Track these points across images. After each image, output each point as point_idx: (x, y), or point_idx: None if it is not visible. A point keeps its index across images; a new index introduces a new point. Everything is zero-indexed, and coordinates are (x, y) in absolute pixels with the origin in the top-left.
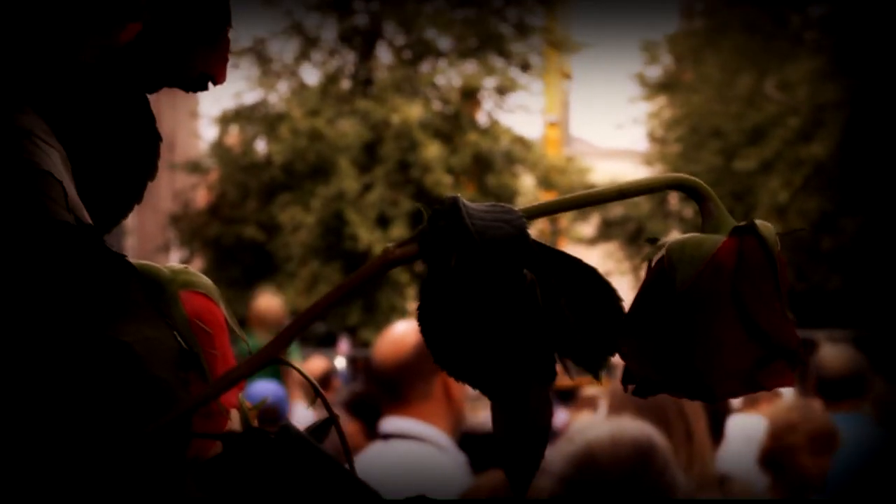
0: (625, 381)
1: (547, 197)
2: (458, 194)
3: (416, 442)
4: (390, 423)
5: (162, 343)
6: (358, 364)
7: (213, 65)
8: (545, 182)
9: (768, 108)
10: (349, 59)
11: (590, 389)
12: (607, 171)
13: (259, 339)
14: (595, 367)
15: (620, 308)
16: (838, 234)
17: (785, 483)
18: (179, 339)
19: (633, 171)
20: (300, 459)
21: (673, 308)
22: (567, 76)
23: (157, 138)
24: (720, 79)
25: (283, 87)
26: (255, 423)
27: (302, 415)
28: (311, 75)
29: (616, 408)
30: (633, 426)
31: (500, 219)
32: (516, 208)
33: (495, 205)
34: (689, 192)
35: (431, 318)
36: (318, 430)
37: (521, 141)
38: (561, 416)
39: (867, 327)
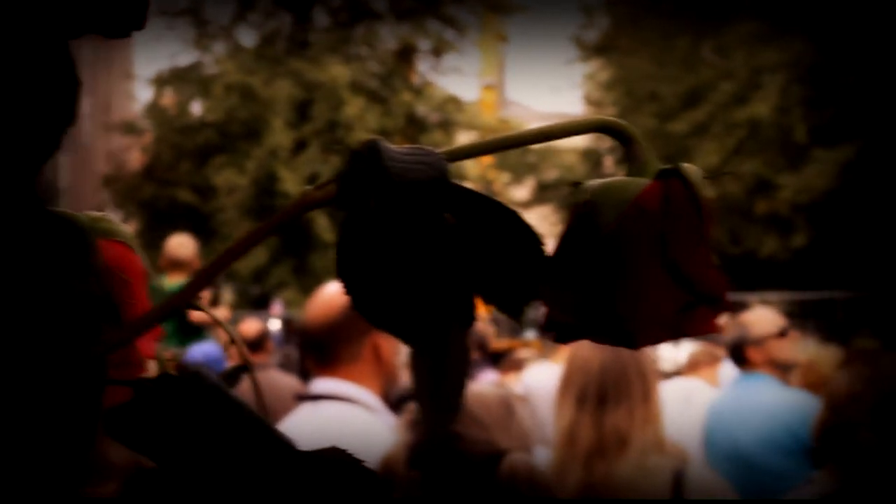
0: (547, 327)
1: (482, 158)
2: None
3: (344, 403)
4: (319, 385)
5: (78, 290)
6: (291, 326)
7: (136, 10)
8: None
9: (704, 72)
10: (285, 20)
11: (523, 352)
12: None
13: (173, 283)
14: (515, 312)
15: (542, 251)
16: (773, 198)
17: (843, 462)
18: (96, 287)
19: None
20: (212, 407)
21: (596, 252)
22: (503, 39)
23: (75, 83)
24: (657, 42)
25: (219, 48)
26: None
27: None
28: (248, 37)
29: (577, 368)
30: (491, 386)
31: (421, 161)
32: (438, 150)
33: (416, 147)
34: (614, 134)
35: (349, 262)
36: (230, 377)
37: (454, 101)
38: (489, 376)
39: (801, 290)
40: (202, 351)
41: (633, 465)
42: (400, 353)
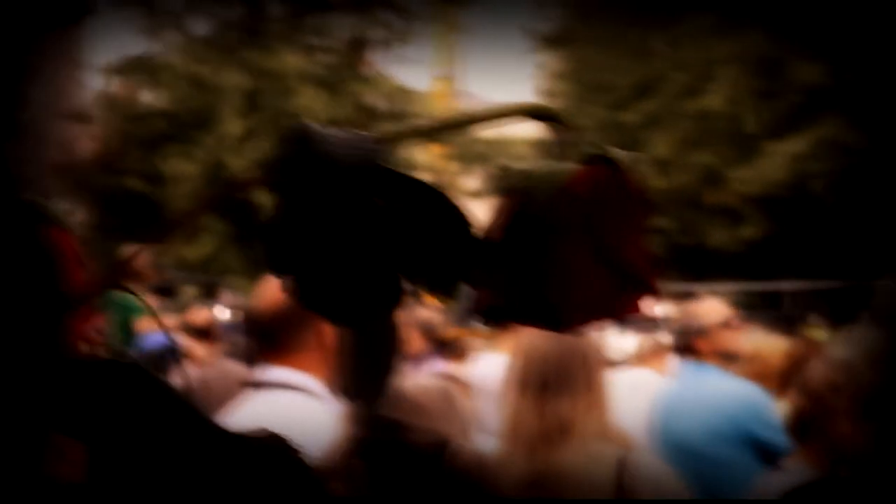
0: (478, 310)
1: (431, 148)
2: None
3: (291, 391)
4: (266, 373)
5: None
6: (241, 314)
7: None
8: None
9: (656, 63)
10: (238, 10)
11: (473, 342)
12: (495, 125)
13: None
14: (446, 293)
15: (472, 234)
16: (724, 190)
17: (818, 451)
18: (39, 267)
19: (520, 125)
20: (142, 391)
21: (525, 235)
22: (457, 30)
23: (25, 69)
24: (610, 33)
25: (171, 37)
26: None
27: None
28: (200, 27)
29: (523, 356)
30: (431, 377)
31: (353, 145)
32: (370, 134)
33: (350, 131)
34: (544, 119)
35: (278, 242)
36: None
37: (405, 92)
38: (438, 365)
39: (751, 281)
40: (157, 340)
41: (577, 453)
42: None
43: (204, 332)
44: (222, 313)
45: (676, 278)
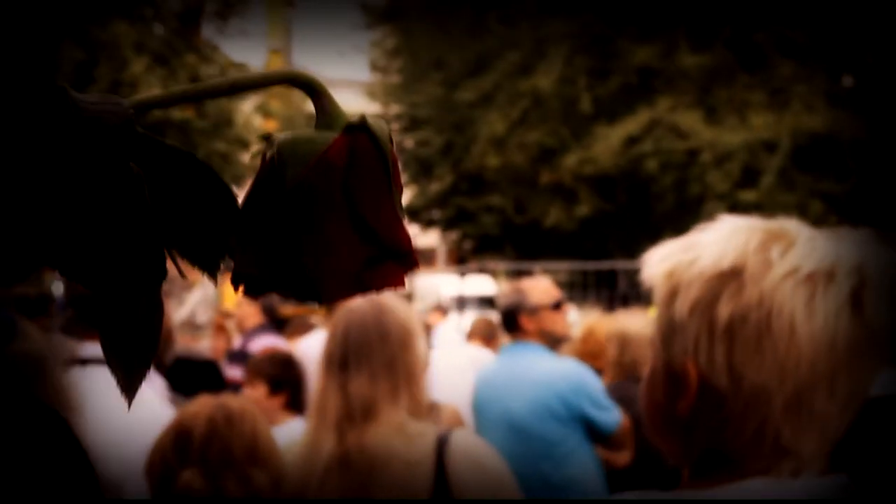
0: (233, 280)
1: (266, 124)
2: (181, 117)
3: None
4: (88, 349)
5: None
6: (77, 290)
7: None
8: (263, 108)
9: (490, 41)
10: None
11: (313, 318)
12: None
13: None
14: (209, 266)
15: (234, 206)
16: (557, 168)
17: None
18: None
19: (355, 102)
20: None
21: (283, 206)
22: (290, 3)
23: None
24: (442, 9)
25: None
26: None
27: None
28: None
29: (330, 335)
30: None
31: (107, 110)
32: (126, 100)
33: (105, 96)
34: (302, 87)
35: (34, 210)
36: None
37: (239, 67)
38: (273, 340)
39: (585, 260)
40: None
41: (392, 432)
42: (172, 315)
43: (36, 307)
44: (56, 288)
45: (512, 257)
